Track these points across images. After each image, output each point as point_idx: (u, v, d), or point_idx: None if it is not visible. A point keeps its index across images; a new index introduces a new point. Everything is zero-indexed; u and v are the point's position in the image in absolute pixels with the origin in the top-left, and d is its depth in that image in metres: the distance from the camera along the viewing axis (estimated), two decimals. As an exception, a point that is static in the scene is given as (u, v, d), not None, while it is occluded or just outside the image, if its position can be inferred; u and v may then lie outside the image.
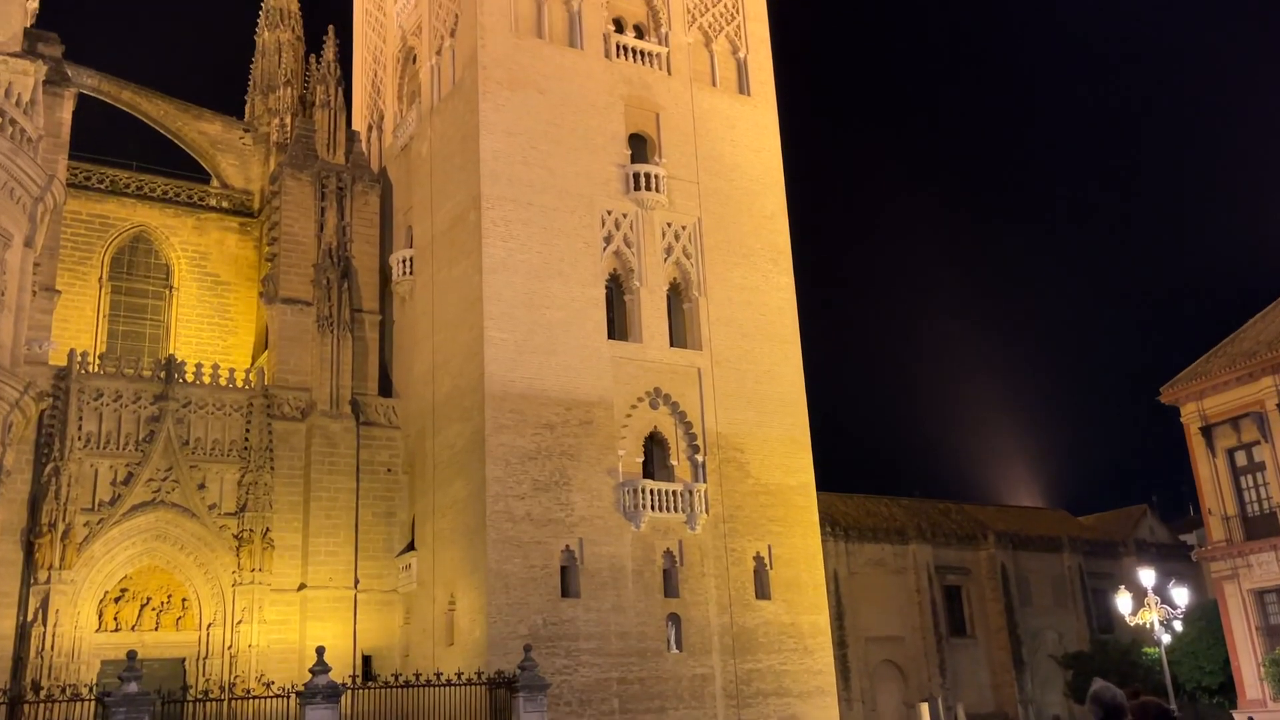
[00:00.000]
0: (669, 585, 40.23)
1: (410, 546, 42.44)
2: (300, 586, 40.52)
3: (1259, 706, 41.43)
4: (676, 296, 44.27)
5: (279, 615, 39.77)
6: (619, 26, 46.22)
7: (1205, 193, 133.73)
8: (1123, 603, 36.30)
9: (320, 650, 30.53)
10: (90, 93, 48.14)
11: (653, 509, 40.19)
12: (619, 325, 42.72)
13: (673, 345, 43.15)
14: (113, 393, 39.54)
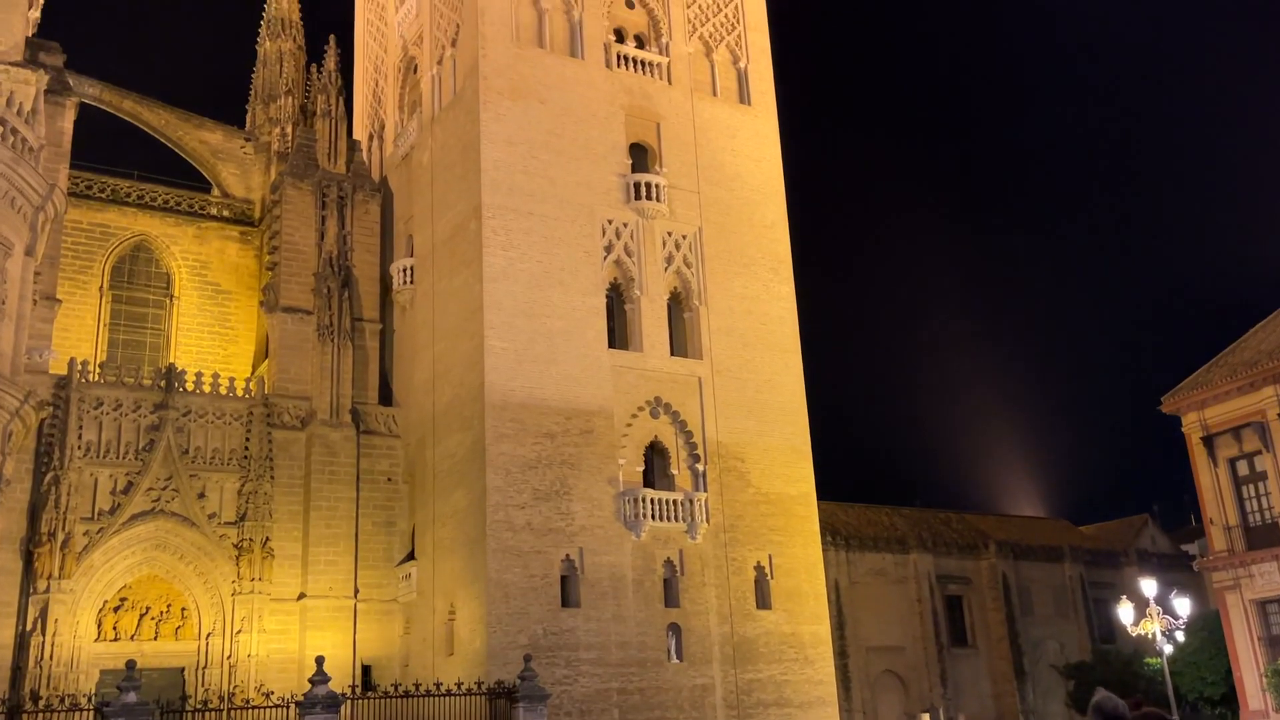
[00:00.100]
0: (669, 595, 40.16)
1: (410, 556, 42.37)
2: (300, 596, 40.45)
3: (1261, 717, 41.30)
4: (677, 306, 44.28)
5: (278, 625, 39.70)
6: (620, 36, 46.31)
7: (1205, 202, 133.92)
8: (1124, 613, 36.24)
9: (320, 660, 30.50)
10: (92, 102, 48.21)
11: (653, 518, 40.13)
12: (619, 334, 42.72)
13: (673, 354, 43.14)
14: (113, 401, 39.53)
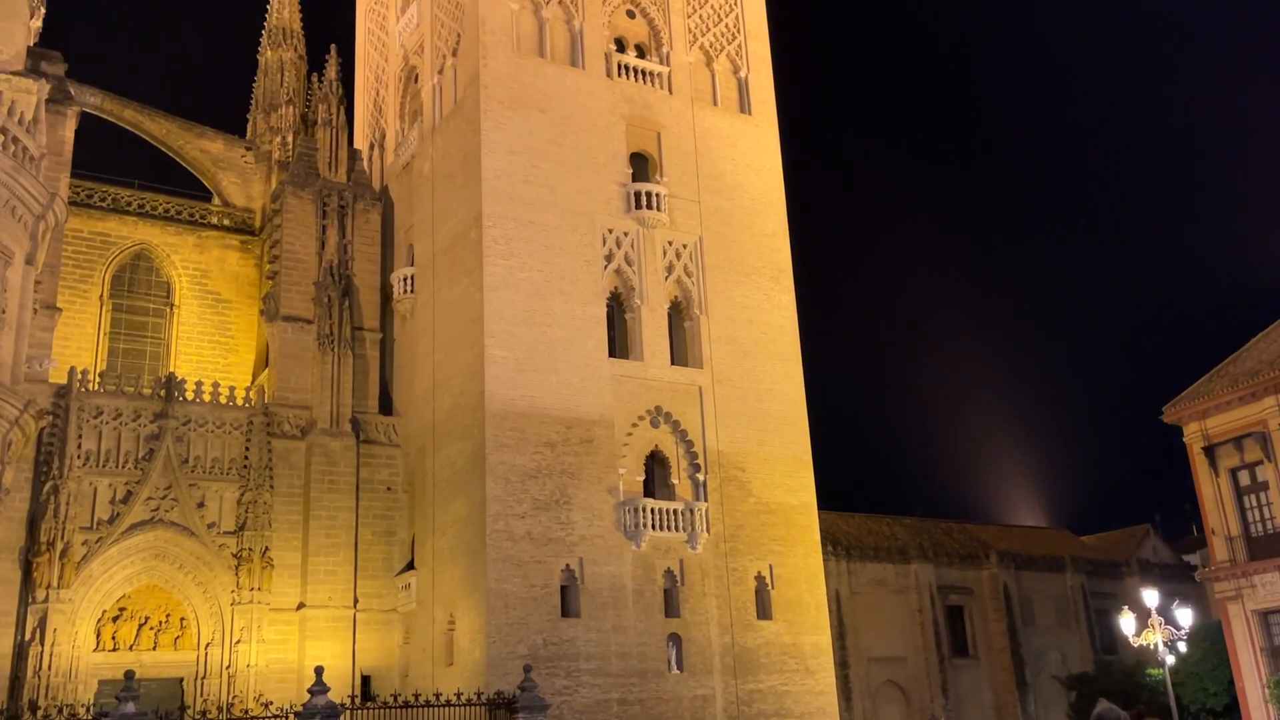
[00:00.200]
0: (670, 605, 40.06)
1: (410, 566, 42.27)
2: (299, 606, 40.35)
3: (1264, 728, 41.15)
4: (677, 315, 44.26)
5: (278, 635, 39.59)
6: (620, 46, 46.39)
7: (1206, 212, 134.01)
8: (1126, 624, 36.12)
9: (319, 670, 30.32)
10: (93, 111, 48.30)
11: (653, 528, 40.05)
12: (620, 343, 42.69)
13: (674, 363, 43.11)
14: (112, 411, 39.48)
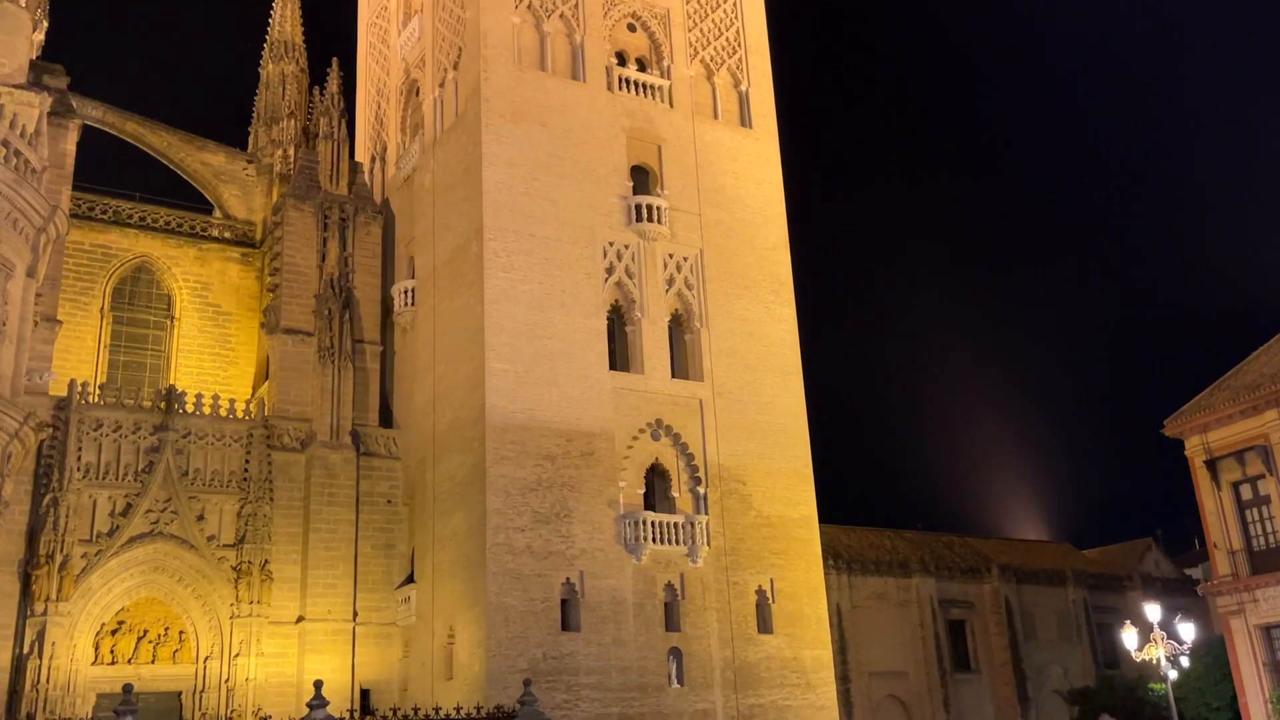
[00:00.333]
0: (670, 619, 39.91)
1: (410, 579, 42.15)
2: (298, 619, 40.20)
3: (1267, 743, 40.91)
4: (678, 327, 44.22)
5: (277, 648, 39.43)
6: (621, 59, 46.48)
7: (1206, 227, 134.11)
8: (1128, 638, 35.94)
9: (318, 684, 30.16)
10: (95, 124, 48.37)
11: (654, 541, 39.94)
12: (620, 356, 42.64)
13: (674, 376, 43.06)
14: (112, 423, 39.42)
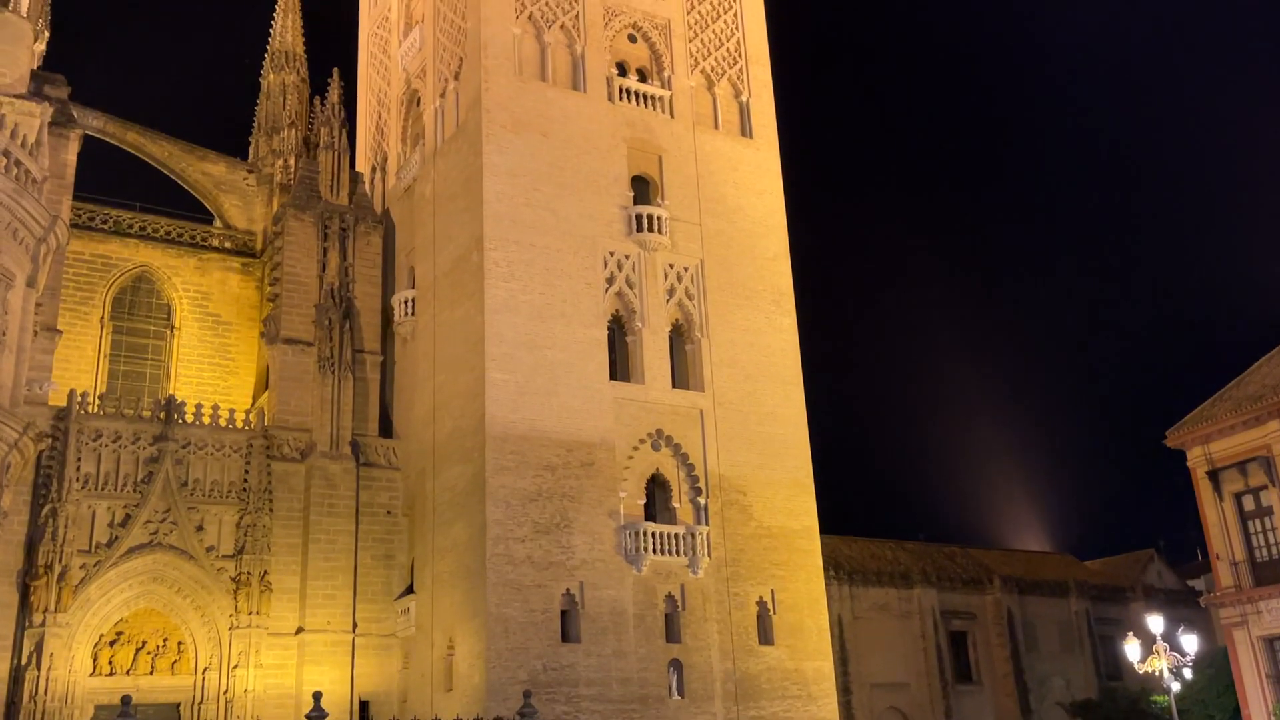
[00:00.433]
0: (671, 630, 39.75)
1: (409, 590, 42.01)
2: (298, 630, 40.05)
3: (1271, 756, 40.68)
4: (679, 338, 44.15)
5: (276, 659, 39.27)
6: (622, 70, 46.50)
7: (1209, 237, 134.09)
8: (1131, 650, 35.77)
9: (317, 695, 30.02)
10: (95, 134, 48.39)
11: (654, 552, 39.80)
12: (621, 366, 42.56)
13: (675, 386, 42.96)
14: (112, 433, 39.34)
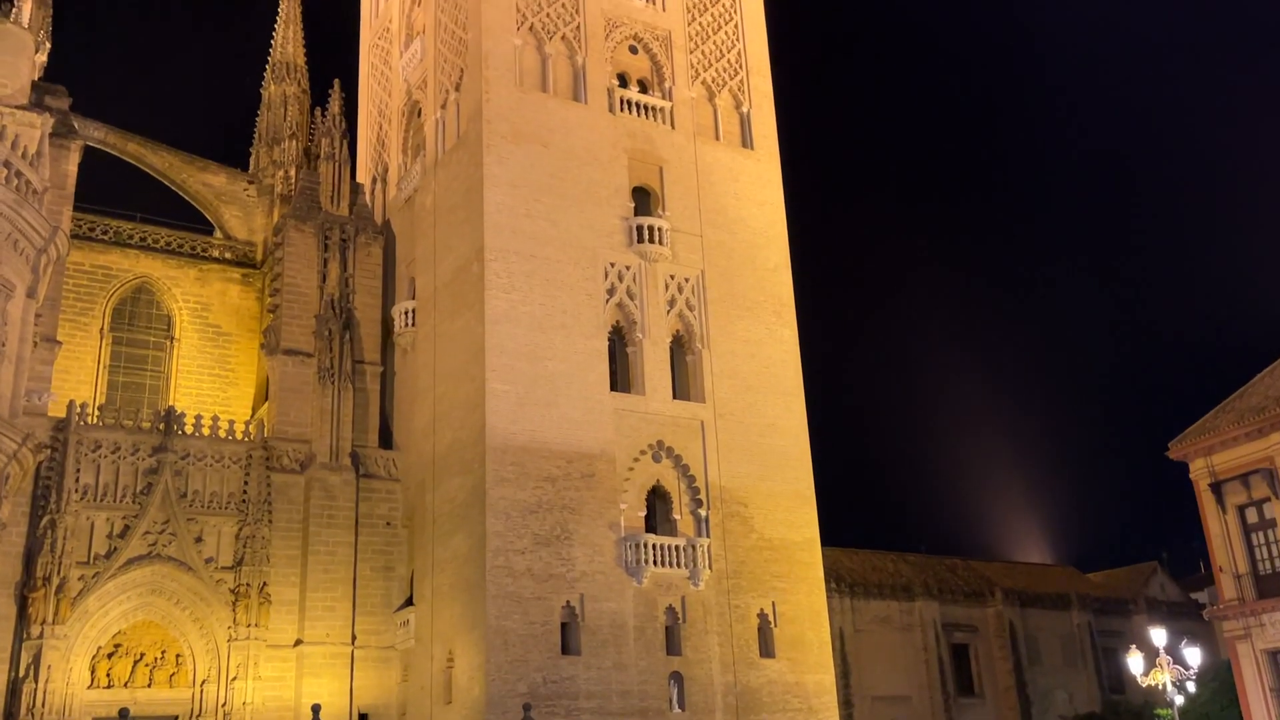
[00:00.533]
0: (671, 643, 39.57)
1: (409, 602, 41.83)
2: (296, 642, 39.88)
3: (1275, 770, 40.41)
4: (679, 349, 44.06)
5: (274, 672, 39.11)
6: (623, 81, 46.53)
7: (1212, 247, 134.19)
8: (1134, 663, 35.53)
9: (316, 708, 30.02)
10: (96, 145, 48.38)
11: (655, 564, 39.64)
12: (621, 377, 42.46)
13: (675, 398, 42.87)
14: (111, 444, 39.25)
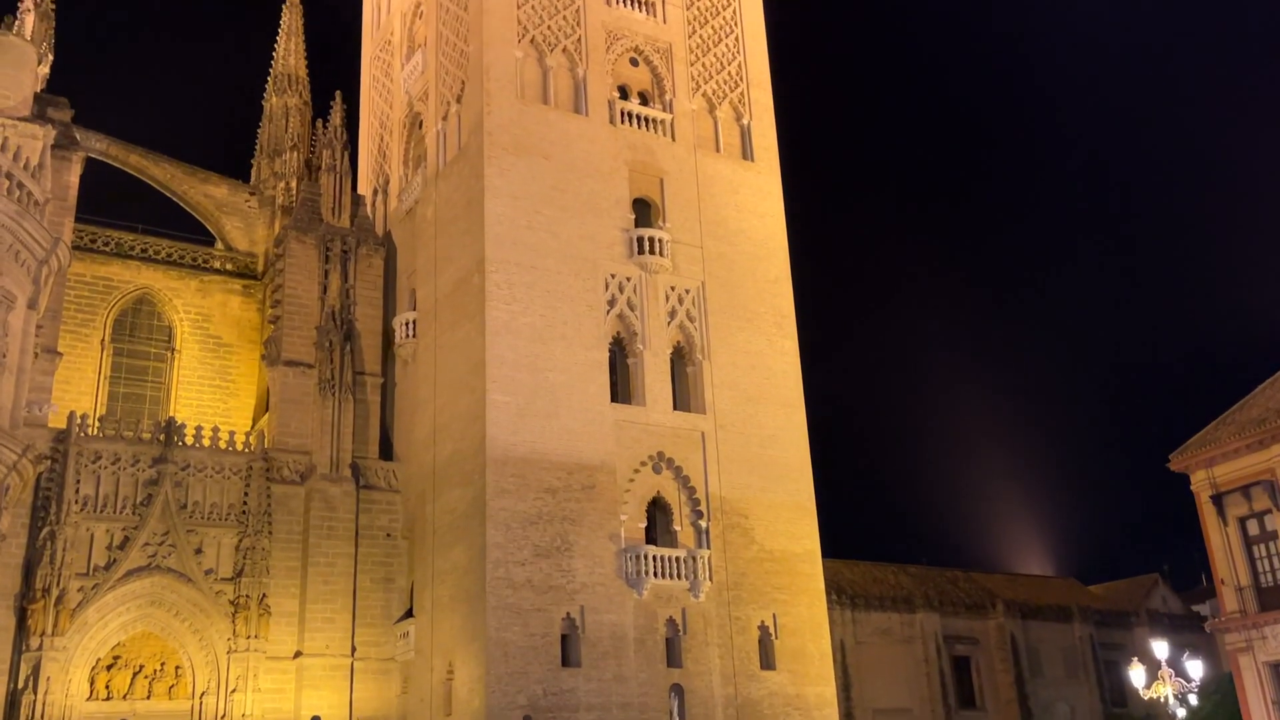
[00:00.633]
0: (672, 655, 39.46)
1: (409, 613, 41.75)
2: (296, 654, 39.79)
3: (1278, 783, 40.24)
4: (680, 360, 44.07)
5: (274, 684, 39.02)
6: (624, 93, 46.65)
7: (1212, 259, 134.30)
8: (1136, 675, 35.42)
9: (314, 720, 29.93)
10: (98, 156, 48.48)
11: (655, 575, 39.57)
12: (622, 388, 42.46)
13: (676, 409, 42.86)
14: (111, 455, 39.23)
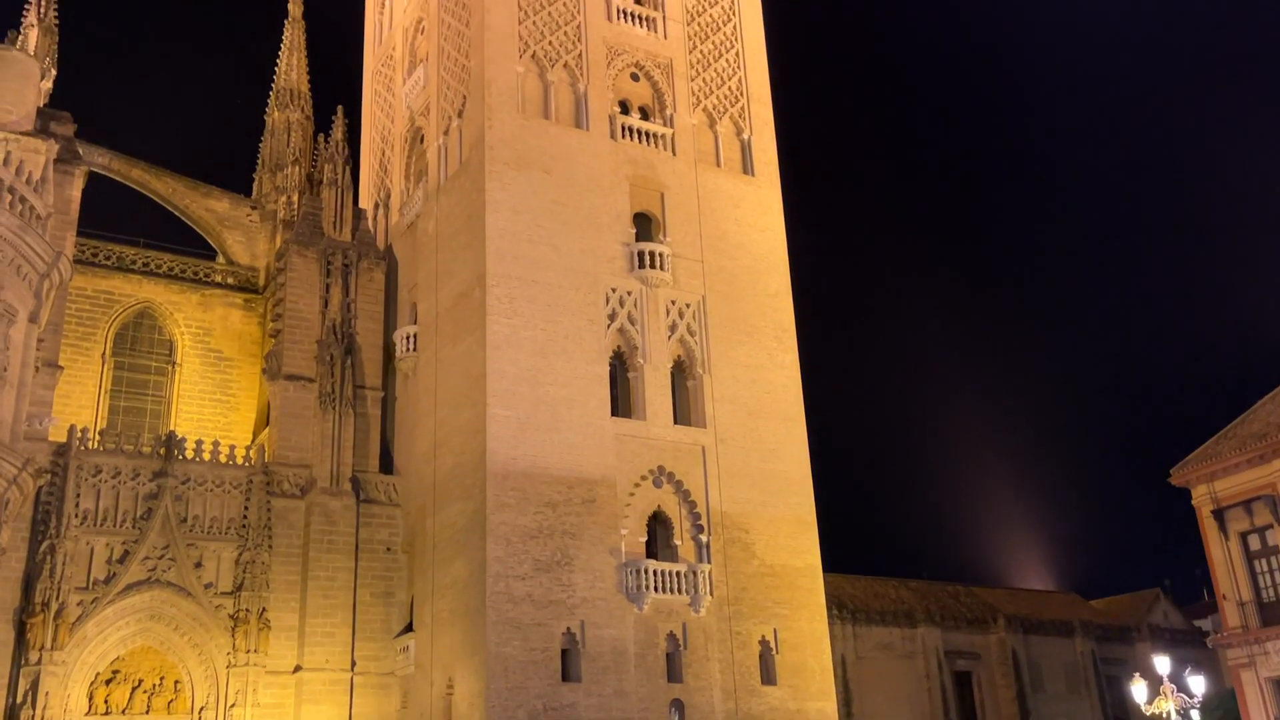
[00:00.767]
0: (672, 669, 39.36)
1: (409, 628, 41.67)
2: (296, 668, 39.69)
3: (1281, 799, 40.08)
4: (681, 374, 44.08)
5: (273, 698, 38.91)
6: (625, 108, 46.80)
7: (1214, 272, 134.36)
8: (1138, 691, 35.31)
9: (313, 736, 29.83)
10: (100, 170, 48.58)
11: (656, 590, 39.50)
12: (623, 402, 42.46)
13: (677, 423, 42.85)
14: (111, 469, 39.22)
